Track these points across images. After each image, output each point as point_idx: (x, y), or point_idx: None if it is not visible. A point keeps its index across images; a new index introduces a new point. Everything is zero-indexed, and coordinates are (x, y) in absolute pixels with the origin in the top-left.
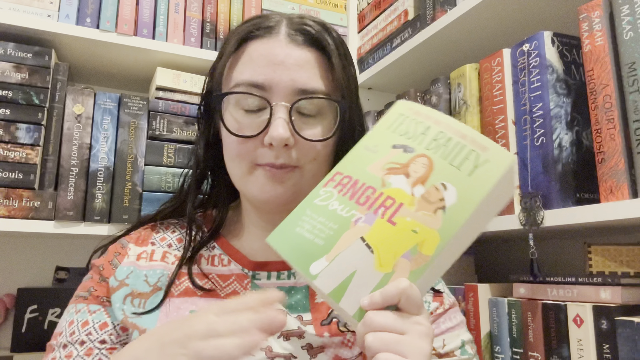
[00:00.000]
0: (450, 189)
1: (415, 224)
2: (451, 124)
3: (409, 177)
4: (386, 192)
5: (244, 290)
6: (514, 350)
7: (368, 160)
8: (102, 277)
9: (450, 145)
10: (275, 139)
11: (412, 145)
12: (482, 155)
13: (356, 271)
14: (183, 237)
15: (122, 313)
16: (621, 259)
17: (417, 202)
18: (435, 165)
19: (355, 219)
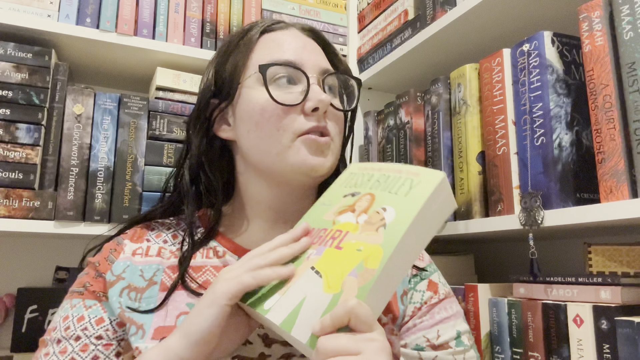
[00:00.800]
0: (389, 209)
1: (359, 244)
2: (390, 166)
3: (355, 212)
4: (335, 228)
5: None
6: (514, 350)
7: (323, 211)
8: (98, 272)
9: (389, 180)
10: (322, 101)
11: (358, 190)
12: (415, 179)
13: (306, 297)
14: (178, 234)
15: (119, 306)
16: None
17: (361, 227)
18: (376, 197)
19: (308, 255)
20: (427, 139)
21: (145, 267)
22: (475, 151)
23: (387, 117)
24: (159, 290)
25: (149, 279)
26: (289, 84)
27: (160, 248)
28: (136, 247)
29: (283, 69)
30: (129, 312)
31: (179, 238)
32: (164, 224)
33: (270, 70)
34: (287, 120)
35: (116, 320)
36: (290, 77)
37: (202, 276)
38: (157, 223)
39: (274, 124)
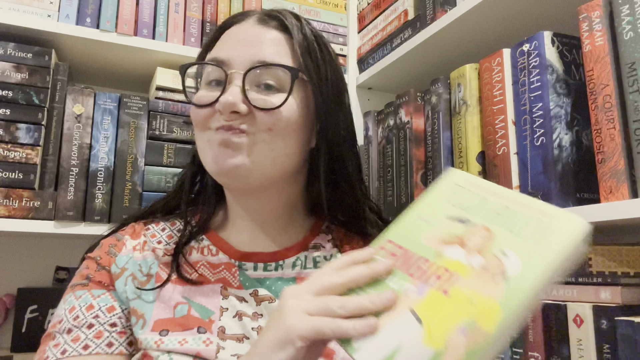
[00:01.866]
0: (512, 256)
1: (471, 294)
2: (510, 194)
3: (466, 248)
4: (440, 263)
5: (232, 277)
6: (514, 350)
7: (421, 230)
8: (101, 265)
9: (509, 213)
10: (221, 103)
11: (469, 216)
12: (546, 222)
13: (401, 346)
14: (173, 234)
15: (126, 295)
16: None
17: (475, 272)
18: (494, 234)
19: (406, 289)
20: (427, 139)
21: (142, 262)
22: (475, 151)
23: (387, 117)
24: (156, 283)
25: (146, 273)
26: (217, 85)
27: (154, 249)
28: (135, 243)
29: (209, 68)
30: (132, 300)
31: (174, 238)
32: (159, 223)
33: (205, 70)
34: (202, 118)
35: (127, 309)
36: (217, 78)
37: (198, 270)
38: (152, 224)
39: (194, 122)
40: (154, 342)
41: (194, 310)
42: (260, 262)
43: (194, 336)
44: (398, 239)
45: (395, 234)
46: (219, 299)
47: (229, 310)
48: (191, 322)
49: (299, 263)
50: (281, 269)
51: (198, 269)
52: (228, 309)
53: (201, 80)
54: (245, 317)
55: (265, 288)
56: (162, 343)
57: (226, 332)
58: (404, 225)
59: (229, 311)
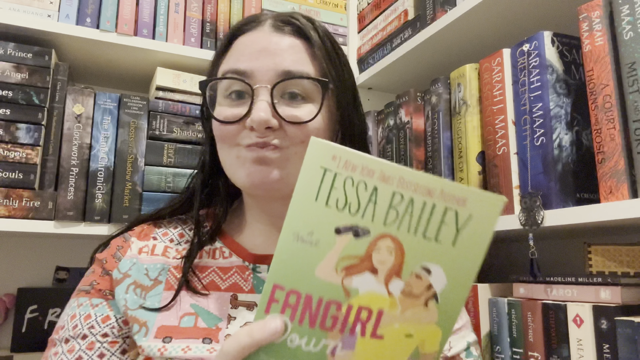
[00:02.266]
0: (435, 270)
1: (407, 328)
2: (405, 176)
3: (378, 274)
4: (355, 303)
5: (244, 281)
6: (514, 350)
7: (309, 259)
8: (105, 270)
9: (416, 210)
10: (255, 120)
11: (363, 223)
12: (462, 212)
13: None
14: (185, 232)
15: (124, 304)
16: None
17: (400, 301)
18: (405, 246)
19: (330, 349)
20: (427, 139)
21: (150, 266)
22: (475, 151)
23: (387, 117)
24: (164, 290)
25: (154, 278)
26: (240, 98)
27: (166, 247)
28: (142, 245)
29: (229, 82)
30: (132, 311)
31: (186, 237)
32: (171, 222)
33: (223, 82)
34: (230, 133)
35: (122, 317)
36: (240, 91)
37: (207, 277)
38: (164, 221)
39: (219, 137)
40: (157, 349)
41: (201, 321)
42: None
43: (197, 345)
44: (287, 280)
45: (280, 274)
46: (227, 308)
47: (237, 320)
48: (196, 332)
49: None
50: None
51: (208, 276)
52: (236, 318)
53: (216, 91)
54: None
55: None
56: (166, 350)
57: None
58: (286, 257)
59: (237, 320)
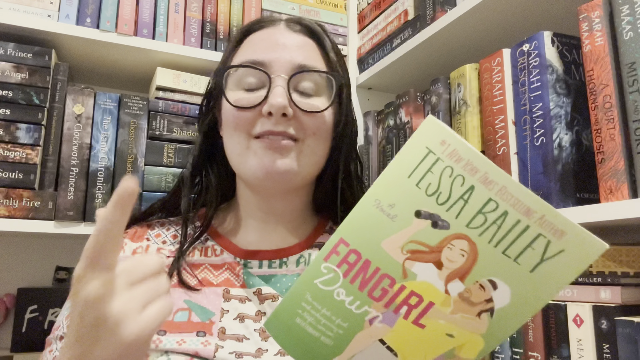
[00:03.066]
0: (502, 287)
1: (451, 329)
2: (509, 187)
3: (442, 269)
4: (409, 287)
5: (236, 277)
6: (514, 350)
7: (382, 228)
8: None
9: (506, 224)
10: (274, 105)
11: (446, 216)
12: (555, 243)
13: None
14: (177, 233)
15: None
16: (621, 259)
17: (454, 301)
18: (480, 254)
19: (370, 317)
20: None
21: None
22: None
23: (387, 117)
24: None
25: None
26: (254, 86)
27: (159, 249)
28: (136, 246)
29: (246, 71)
30: None
31: (179, 238)
32: (164, 224)
33: (238, 72)
34: (244, 122)
35: None
36: (254, 79)
37: (200, 274)
38: (157, 223)
39: (232, 124)
40: (152, 342)
41: (194, 315)
42: (265, 260)
43: (192, 338)
44: (354, 239)
45: (350, 232)
46: (220, 301)
47: (229, 312)
48: (191, 327)
49: (302, 260)
50: (285, 266)
51: (201, 273)
52: (229, 311)
53: (228, 82)
54: (247, 319)
55: (270, 285)
56: (160, 342)
57: (226, 333)
58: (362, 218)
59: (229, 313)
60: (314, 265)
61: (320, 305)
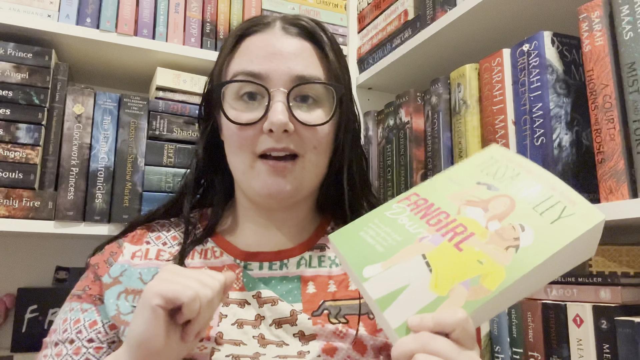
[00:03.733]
0: (528, 230)
1: (482, 255)
2: (543, 174)
3: (487, 212)
4: (459, 220)
5: (235, 280)
6: (514, 350)
7: (449, 189)
8: (97, 275)
9: (537, 193)
10: (274, 123)
11: (497, 185)
12: (569, 208)
13: (409, 285)
14: (178, 235)
15: (116, 309)
16: (621, 259)
17: (490, 235)
18: (517, 207)
19: (421, 236)
20: (427, 139)
21: (144, 270)
22: (475, 151)
23: (387, 117)
24: None
25: (148, 282)
26: (253, 99)
27: (159, 250)
28: (135, 249)
29: (244, 85)
30: (124, 316)
31: (179, 239)
32: (164, 225)
33: (235, 84)
34: (247, 139)
35: (108, 322)
36: (253, 92)
37: None
38: (157, 224)
39: (236, 143)
40: None
41: None
42: (266, 262)
43: None
44: (425, 193)
45: (423, 189)
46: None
47: (228, 318)
48: None
49: (303, 262)
50: (286, 268)
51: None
52: (227, 316)
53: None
54: (246, 325)
55: (270, 288)
56: None
57: (224, 338)
58: (433, 183)
59: (227, 318)
60: (387, 204)
61: (384, 225)
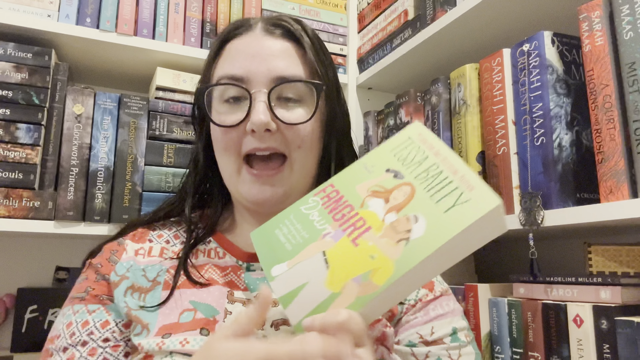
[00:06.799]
0: (421, 221)
1: (374, 250)
2: (449, 157)
3: (387, 203)
4: (361, 213)
5: (238, 279)
6: (514, 350)
7: (360, 178)
8: (101, 274)
9: (439, 178)
10: (255, 123)
11: (404, 172)
12: (466, 194)
13: (308, 283)
14: (180, 234)
15: (126, 305)
16: (621, 259)
17: (385, 228)
18: (415, 196)
19: (325, 232)
20: None
21: (147, 267)
22: (475, 151)
23: (387, 117)
24: (162, 290)
25: (153, 279)
26: (237, 102)
27: (163, 248)
28: (138, 247)
29: (227, 88)
30: (135, 311)
31: (181, 238)
32: (165, 224)
33: (219, 88)
34: (231, 140)
35: (122, 321)
36: (237, 95)
37: (205, 274)
38: (158, 223)
39: (222, 144)
40: (155, 344)
41: (199, 314)
42: None
43: (195, 337)
44: (339, 184)
45: (338, 179)
46: (224, 301)
47: (233, 314)
48: (195, 324)
49: None
50: None
51: (206, 272)
52: (232, 312)
53: (212, 97)
54: None
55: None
56: (164, 344)
57: None
58: (349, 171)
59: (233, 315)
60: (304, 197)
61: (296, 222)
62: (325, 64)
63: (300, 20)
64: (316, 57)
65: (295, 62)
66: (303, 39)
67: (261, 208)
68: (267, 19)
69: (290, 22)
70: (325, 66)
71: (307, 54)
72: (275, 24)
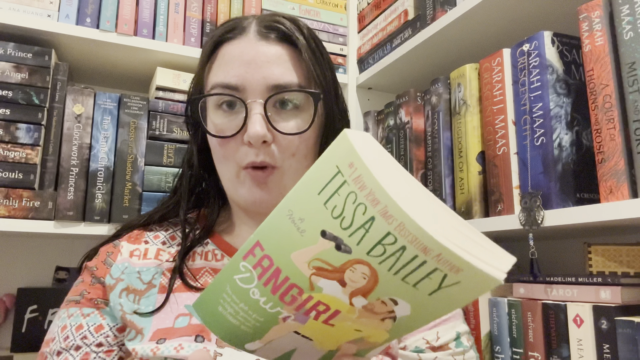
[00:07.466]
0: (402, 304)
1: (358, 326)
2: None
3: (345, 287)
4: (316, 297)
5: None
6: (514, 350)
7: (292, 241)
8: (96, 277)
9: (404, 258)
10: (252, 137)
11: (349, 242)
12: (451, 277)
13: (296, 349)
14: (176, 235)
15: (121, 308)
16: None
17: (359, 311)
18: (380, 279)
19: (284, 316)
20: (427, 139)
21: (143, 269)
22: (475, 151)
23: (387, 117)
24: (158, 293)
25: (148, 282)
26: (232, 110)
27: (159, 250)
28: (133, 248)
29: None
30: (130, 315)
31: (177, 239)
32: (162, 225)
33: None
34: (229, 150)
35: (117, 325)
36: (231, 103)
37: (201, 278)
38: (154, 224)
39: (220, 153)
40: (149, 349)
41: (194, 319)
42: None
43: (190, 343)
44: (268, 245)
45: (265, 237)
46: None
47: None
48: (190, 330)
49: None
50: None
51: (202, 277)
52: None
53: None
54: None
55: None
56: (158, 350)
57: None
58: (275, 224)
59: None
60: (233, 261)
61: (238, 300)
62: (323, 65)
63: (296, 18)
64: (313, 59)
65: (290, 69)
66: (299, 42)
67: (258, 209)
68: (261, 20)
69: (285, 23)
70: (322, 68)
71: (303, 58)
72: (269, 27)
